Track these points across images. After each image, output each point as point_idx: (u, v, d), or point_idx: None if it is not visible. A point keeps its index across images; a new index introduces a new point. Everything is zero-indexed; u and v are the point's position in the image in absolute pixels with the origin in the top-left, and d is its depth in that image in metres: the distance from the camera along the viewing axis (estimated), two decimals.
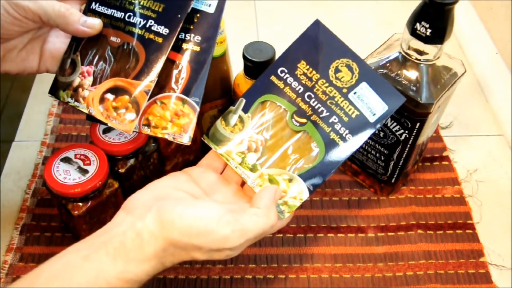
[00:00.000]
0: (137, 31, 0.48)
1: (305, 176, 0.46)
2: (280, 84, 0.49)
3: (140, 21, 0.48)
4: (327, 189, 0.64)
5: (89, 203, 0.52)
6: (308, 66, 0.48)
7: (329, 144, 0.46)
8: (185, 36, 0.47)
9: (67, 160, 0.52)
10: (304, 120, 0.47)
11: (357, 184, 0.65)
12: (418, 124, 0.53)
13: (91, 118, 0.49)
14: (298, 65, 0.48)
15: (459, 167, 0.68)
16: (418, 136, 0.55)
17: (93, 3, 0.49)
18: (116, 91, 0.47)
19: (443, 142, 0.70)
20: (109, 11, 0.49)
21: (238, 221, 0.40)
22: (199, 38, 0.47)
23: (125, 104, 0.47)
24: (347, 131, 0.46)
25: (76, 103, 0.49)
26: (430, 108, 0.52)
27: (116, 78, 0.47)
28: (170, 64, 0.47)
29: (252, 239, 0.41)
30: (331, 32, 0.49)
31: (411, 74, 0.52)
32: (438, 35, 0.49)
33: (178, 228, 0.39)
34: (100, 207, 0.53)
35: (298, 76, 0.48)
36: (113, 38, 0.48)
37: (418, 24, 0.49)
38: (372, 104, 0.46)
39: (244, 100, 0.50)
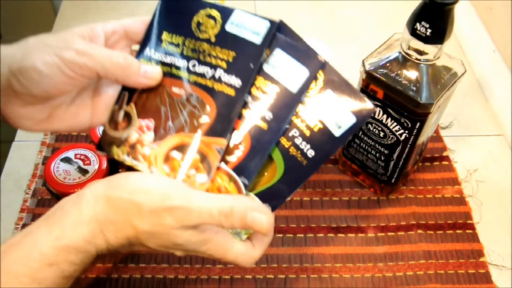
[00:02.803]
0: (204, 82, 0.43)
1: (262, 196, 0.41)
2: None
3: (208, 71, 0.43)
4: (327, 189, 0.64)
5: None
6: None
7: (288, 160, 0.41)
8: (253, 106, 0.42)
9: (67, 160, 0.52)
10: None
11: (357, 184, 0.65)
12: (418, 124, 0.53)
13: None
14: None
15: (459, 167, 0.68)
16: (418, 136, 0.55)
17: (147, 49, 0.44)
18: (183, 149, 0.42)
19: (443, 142, 0.70)
20: (167, 59, 0.44)
21: (189, 188, 0.38)
22: (271, 116, 0.41)
23: (195, 164, 0.41)
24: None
25: (134, 162, 0.43)
26: (430, 108, 0.52)
27: (182, 134, 0.42)
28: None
29: (195, 219, 0.36)
30: None
31: (411, 74, 0.52)
32: (438, 35, 0.49)
33: (122, 186, 0.37)
34: None
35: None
36: (174, 89, 0.43)
37: (418, 24, 0.49)
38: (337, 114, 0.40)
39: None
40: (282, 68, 0.41)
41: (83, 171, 0.51)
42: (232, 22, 0.43)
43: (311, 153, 0.41)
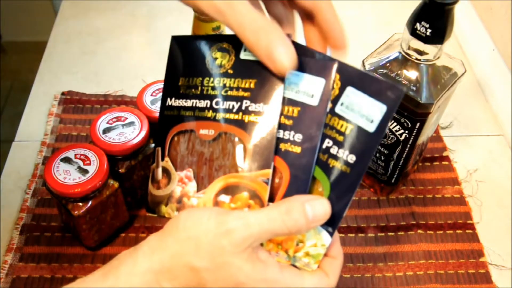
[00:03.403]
0: (232, 116, 0.41)
1: None
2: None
3: (233, 105, 0.41)
4: None
5: (89, 203, 0.51)
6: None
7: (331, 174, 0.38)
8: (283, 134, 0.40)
9: (67, 160, 0.52)
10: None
11: None
12: (418, 124, 0.53)
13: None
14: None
15: (459, 167, 0.68)
16: (418, 136, 0.55)
17: (168, 99, 0.43)
18: (230, 190, 0.40)
19: (443, 142, 0.70)
20: (189, 103, 0.42)
21: (240, 210, 0.37)
22: (300, 137, 0.39)
23: (246, 203, 0.40)
24: (346, 152, 0.37)
25: None
26: (430, 108, 0.52)
27: (225, 176, 0.41)
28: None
29: (255, 232, 0.34)
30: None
31: (411, 74, 0.52)
32: (438, 35, 0.49)
33: (175, 228, 0.35)
34: (100, 207, 0.53)
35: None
36: (203, 131, 0.42)
37: (418, 24, 0.49)
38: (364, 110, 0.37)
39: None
40: (300, 86, 0.39)
41: (83, 171, 0.51)
42: (244, 49, 0.41)
43: (351, 158, 0.37)
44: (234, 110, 0.41)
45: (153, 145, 0.57)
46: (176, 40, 0.44)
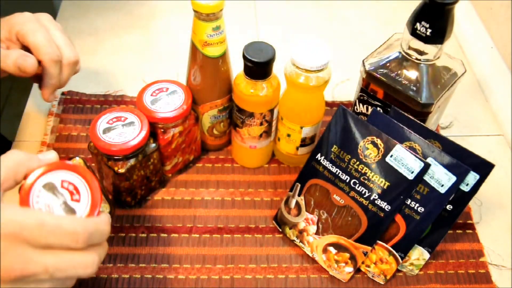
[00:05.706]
0: (360, 199, 0.52)
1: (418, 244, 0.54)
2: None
3: (365, 192, 0.52)
4: None
5: None
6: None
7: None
8: (410, 202, 0.51)
9: (50, 188, 0.39)
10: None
11: None
12: None
13: None
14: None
15: None
16: None
17: (319, 155, 0.53)
18: (338, 247, 0.55)
19: None
20: (334, 169, 0.53)
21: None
22: (422, 209, 0.51)
23: (345, 260, 0.54)
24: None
25: (301, 244, 0.57)
26: (430, 108, 0.52)
27: (339, 236, 0.54)
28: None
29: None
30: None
31: (411, 74, 0.52)
32: (438, 35, 0.49)
33: None
34: None
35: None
36: (336, 197, 0.53)
37: (418, 24, 0.49)
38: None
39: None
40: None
41: (70, 210, 0.38)
42: (392, 155, 0.50)
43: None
44: (364, 196, 0.52)
45: (153, 145, 0.57)
46: (344, 111, 0.53)
